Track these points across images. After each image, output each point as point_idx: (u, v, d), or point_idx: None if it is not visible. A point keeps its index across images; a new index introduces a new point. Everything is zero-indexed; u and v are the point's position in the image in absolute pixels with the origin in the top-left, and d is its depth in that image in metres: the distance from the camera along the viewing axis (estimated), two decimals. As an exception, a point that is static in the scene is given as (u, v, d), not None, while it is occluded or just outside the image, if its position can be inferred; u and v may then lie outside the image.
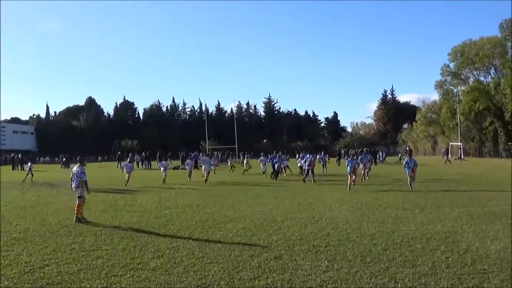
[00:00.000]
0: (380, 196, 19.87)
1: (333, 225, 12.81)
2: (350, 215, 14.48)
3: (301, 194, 21.51)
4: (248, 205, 17.48)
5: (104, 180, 33.50)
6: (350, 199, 19.06)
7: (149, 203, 18.72)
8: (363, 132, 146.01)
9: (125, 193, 22.90)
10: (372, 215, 14.50)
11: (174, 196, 21.42)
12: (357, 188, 23.57)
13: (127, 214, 15.66)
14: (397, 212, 15.01)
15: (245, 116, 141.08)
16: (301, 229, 12.24)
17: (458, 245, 10.05)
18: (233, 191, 23.84)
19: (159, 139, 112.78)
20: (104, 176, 37.93)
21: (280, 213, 15.15)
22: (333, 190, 23.38)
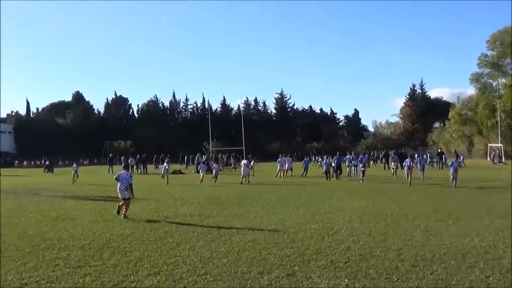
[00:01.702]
0: (407, 205, 19.82)
1: (354, 237, 12.78)
2: (373, 227, 14.46)
3: (317, 202, 21.50)
4: (257, 215, 17.49)
5: (93, 186, 33.56)
6: (373, 208, 19.01)
7: (144, 212, 18.76)
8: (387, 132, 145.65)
9: (117, 201, 22.86)
10: (399, 226, 14.46)
11: (173, 204, 21.45)
12: (380, 197, 23.49)
13: (120, 225, 15.66)
14: (427, 223, 14.95)
15: (253, 114, 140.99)
16: (317, 242, 12.22)
17: (499, 262, 9.96)
18: (240, 198, 23.81)
19: (157, 140, 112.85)
20: (94, 182, 37.96)
21: (293, 224, 15.14)
22: (353, 197, 23.39)
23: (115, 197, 24.84)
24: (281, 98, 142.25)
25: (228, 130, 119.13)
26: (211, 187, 30.62)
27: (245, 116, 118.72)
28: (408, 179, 31.58)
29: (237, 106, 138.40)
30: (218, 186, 31.66)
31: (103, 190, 29.71)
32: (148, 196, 24.89)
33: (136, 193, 20.30)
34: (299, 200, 22.53)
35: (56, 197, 25.72)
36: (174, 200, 23.32)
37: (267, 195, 25.35)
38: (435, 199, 21.79)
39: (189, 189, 29.93)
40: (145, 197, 24.51)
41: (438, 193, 24.83)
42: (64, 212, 18.92)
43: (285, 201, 22.29)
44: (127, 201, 17.67)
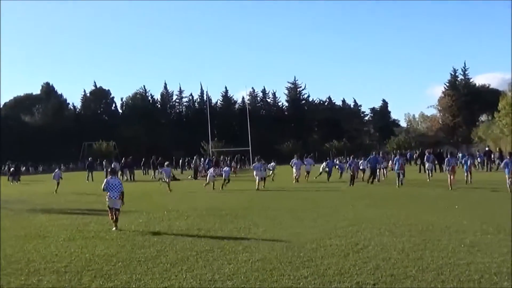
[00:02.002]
0: (448, 215, 19.81)
1: (384, 254, 12.79)
2: (406, 241, 14.44)
3: (338, 212, 21.57)
4: (267, 229, 17.51)
5: (69, 197, 33.63)
6: (406, 219, 19.02)
7: (132, 227, 18.79)
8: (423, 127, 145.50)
9: (100, 215, 22.92)
10: (438, 241, 14.44)
11: (167, 217, 21.51)
12: (415, 205, 23.50)
13: (102, 243, 15.67)
14: (473, 236, 14.95)
15: (261, 107, 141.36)
16: (340, 261, 12.24)
17: (562, 284, 9.94)
18: (246, 209, 23.87)
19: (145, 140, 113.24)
20: (70, 192, 38.02)
21: (311, 239, 15.15)
22: (382, 206, 23.42)
23: (96, 209, 25.05)
24: (294, 88, 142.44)
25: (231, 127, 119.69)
26: (212, 196, 30.68)
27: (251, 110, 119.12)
28: (449, 182, 31.82)
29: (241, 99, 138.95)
30: (220, 196, 31.69)
31: (81, 202, 29.75)
32: (137, 208, 24.89)
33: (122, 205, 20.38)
34: (316, 210, 22.56)
35: (24, 211, 25.72)
36: (167, 212, 23.32)
37: (278, 204, 25.46)
38: (482, 208, 21.80)
39: (185, 199, 30.04)
40: (132, 209, 24.40)
41: (487, 200, 24.83)
42: (34, 229, 18.94)
43: (300, 211, 22.33)
44: (118, 211, 18.51)
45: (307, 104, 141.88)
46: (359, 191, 32.17)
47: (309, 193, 31.66)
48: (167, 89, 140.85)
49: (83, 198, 32.13)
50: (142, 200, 29.32)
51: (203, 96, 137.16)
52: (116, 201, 18.55)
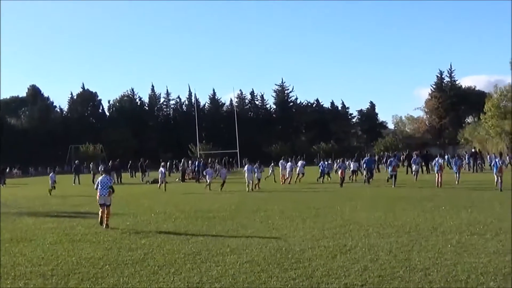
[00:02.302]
0: (435, 216, 19.87)
1: (372, 255, 12.82)
2: (394, 242, 14.49)
3: (326, 214, 21.59)
4: (256, 230, 17.53)
5: (56, 200, 33.44)
6: (393, 220, 19.07)
7: (119, 230, 18.73)
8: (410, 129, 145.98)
9: (86, 218, 22.89)
10: (425, 241, 14.49)
11: (155, 219, 21.45)
12: (402, 206, 23.57)
13: (89, 246, 15.58)
14: (460, 237, 14.99)
15: (249, 109, 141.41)
16: (328, 262, 12.24)
17: (550, 283, 9.99)
18: (235, 211, 23.83)
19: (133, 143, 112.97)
20: (56, 195, 37.84)
21: (299, 241, 15.17)
22: (370, 207, 23.46)
23: (83, 212, 25.05)
24: (282, 91, 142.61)
25: (218, 130, 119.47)
26: (200, 199, 30.65)
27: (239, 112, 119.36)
28: (439, 181, 33.36)
29: (229, 101, 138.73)
30: (208, 198, 31.70)
31: (68, 205, 29.65)
32: (124, 211, 24.84)
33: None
34: (305, 212, 22.55)
35: (10, 214, 25.56)
36: (155, 214, 23.28)
37: (267, 206, 25.43)
38: (469, 208, 21.85)
39: (173, 201, 29.93)
40: (120, 212, 24.36)
41: (473, 201, 24.89)
42: (20, 232, 18.79)
43: (289, 213, 22.29)
44: (109, 208, 19.47)
45: (295, 106, 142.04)
46: (347, 193, 32.22)
47: (298, 195, 31.73)
48: (155, 92, 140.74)
49: (69, 201, 31.98)
50: (129, 203, 29.24)
51: (191, 99, 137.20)
52: (105, 197, 19.36)
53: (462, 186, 34.33)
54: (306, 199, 28.98)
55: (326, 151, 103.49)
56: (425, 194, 29.42)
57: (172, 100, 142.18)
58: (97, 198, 19.58)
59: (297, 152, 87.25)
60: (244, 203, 27.83)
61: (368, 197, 28.85)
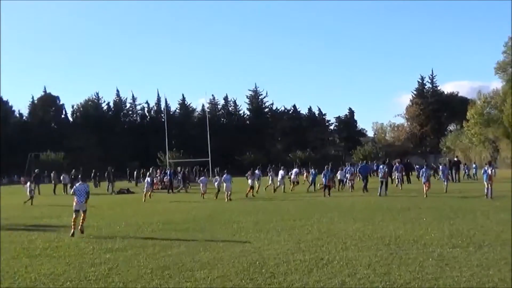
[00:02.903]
0: (416, 228, 19.97)
1: (350, 269, 12.85)
2: (373, 256, 14.53)
3: (302, 225, 21.58)
4: (228, 243, 17.50)
5: (14, 211, 33.10)
6: (373, 232, 19.15)
7: (81, 243, 18.58)
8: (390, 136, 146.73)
9: (46, 231, 22.70)
10: (406, 254, 14.56)
11: (120, 232, 21.33)
12: (382, 217, 23.67)
13: (49, 261, 15.43)
14: (441, 250, 15.08)
15: (222, 116, 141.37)
16: (304, 277, 12.26)
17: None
18: (207, 223, 23.81)
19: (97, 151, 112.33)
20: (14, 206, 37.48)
21: (273, 254, 15.17)
22: (349, 219, 23.52)
23: (43, 225, 24.90)
24: (255, 96, 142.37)
25: (189, 137, 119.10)
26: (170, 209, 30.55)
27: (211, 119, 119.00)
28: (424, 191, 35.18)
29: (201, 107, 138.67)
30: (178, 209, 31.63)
31: (26, 217, 29.25)
32: (87, 223, 24.50)
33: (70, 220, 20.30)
34: (280, 223, 22.56)
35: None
36: (120, 227, 23.20)
37: (240, 217, 25.42)
38: (452, 219, 22.00)
39: (140, 212, 29.85)
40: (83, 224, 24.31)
41: (456, 211, 25.08)
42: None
43: (263, 225, 22.29)
44: (85, 213, 21.13)
45: (270, 113, 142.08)
46: (325, 203, 32.32)
47: (273, 205, 31.77)
48: (120, 96, 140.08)
49: (28, 213, 31.67)
50: (94, 215, 28.90)
51: (159, 104, 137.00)
52: (82, 204, 21.03)
53: (444, 195, 34.72)
54: (282, 209, 28.98)
55: (302, 160, 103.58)
56: (405, 205, 29.57)
57: (139, 106, 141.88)
58: (73, 204, 20.97)
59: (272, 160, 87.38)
60: (216, 214, 27.80)
61: (347, 208, 28.89)
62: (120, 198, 43.61)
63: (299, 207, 30.30)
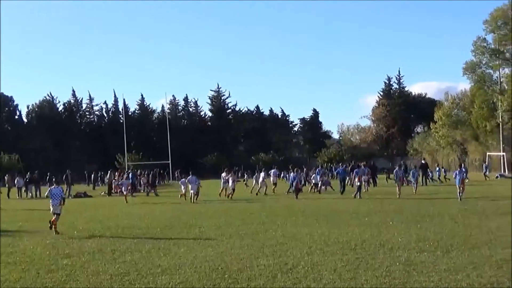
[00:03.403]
0: (382, 232, 20.09)
1: (315, 275, 12.90)
2: (339, 260, 14.58)
3: (266, 230, 21.63)
4: (189, 248, 17.45)
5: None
6: (338, 236, 19.21)
7: (38, 249, 18.45)
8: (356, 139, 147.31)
9: (1, 236, 22.51)
10: (372, 259, 14.65)
11: (77, 237, 21.18)
12: (348, 221, 23.79)
13: (4, 267, 15.29)
14: (409, 254, 15.19)
15: (182, 117, 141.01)
16: (268, 282, 12.30)
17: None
18: (166, 227, 23.71)
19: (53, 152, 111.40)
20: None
21: (236, 259, 15.18)
22: (313, 222, 23.58)
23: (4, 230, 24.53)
24: (218, 97, 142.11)
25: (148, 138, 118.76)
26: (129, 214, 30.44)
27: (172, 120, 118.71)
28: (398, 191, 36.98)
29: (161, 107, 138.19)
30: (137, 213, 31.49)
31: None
32: (44, 227, 24.44)
33: (27, 224, 20.13)
34: (243, 227, 22.56)
35: None
36: (78, 231, 22.97)
37: (202, 221, 25.40)
38: (419, 223, 22.17)
39: (98, 217, 29.64)
40: (39, 229, 24.09)
41: (423, 215, 25.27)
42: None
43: (226, 229, 22.28)
44: (58, 216, 22.96)
45: (232, 114, 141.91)
46: (289, 207, 32.39)
47: (236, 209, 31.72)
48: (76, 96, 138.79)
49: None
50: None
51: (117, 105, 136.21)
52: (57, 207, 22.86)
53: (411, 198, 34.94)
54: (245, 213, 29.00)
55: (266, 162, 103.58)
56: (371, 208, 29.74)
57: (96, 106, 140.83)
58: (50, 208, 23.04)
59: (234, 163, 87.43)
60: (177, 218, 27.74)
61: (312, 212, 28.97)
62: (77, 202, 43.31)
63: (262, 211, 30.34)
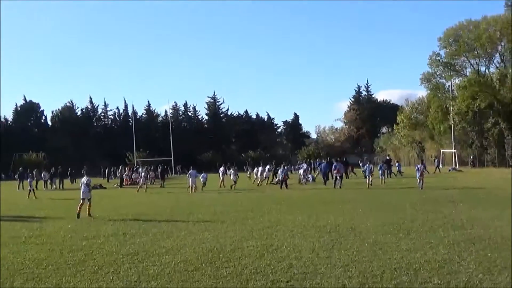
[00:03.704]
0: (353, 218, 20.11)
1: (296, 254, 12.91)
2: (316, 242, 14.60)
3: (254, 216, 21.58)
4: (189, 232, 17.42)
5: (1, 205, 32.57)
6: (316, 221, 19.21)
7: (61, 232, 18.36)
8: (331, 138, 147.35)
9: (30, 221, 22.39)
10: (345, 240, 14.67)
11: (94, 223, 21.11)
12: (324, 209, 23.80)
13: (33, 248, 15.25)
14: (375, 236, 15.23)
15: (183, 120, 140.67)
16: (256, 261, 12.29)
17: (456, 277, 10.20)
18: (169, 214, 23.66)
19: (73, 150, 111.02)
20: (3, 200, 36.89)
21: (229, 241, 15.16)
22: (295, 210, 23.53)
23: (26, 216, 24.59)
24: (213, 103, 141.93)
25: (154, 139, 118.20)
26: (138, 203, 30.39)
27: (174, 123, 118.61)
28: (368, 183, 38.47)
29: (164, 112, 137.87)
30: (145, 202, 31.41)
31: (12, 209, 28.73)
32: (65, 215, 24.42)
33: (50, 211, 20.03)
34: (235, 214, 22.52)
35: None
36: (94, 218, 22.89)
37: (200, 209, 25.32)
38: (384, 211, 22.21)
39: (111, 206, 29.55)
40: (60, 216, 24.11)
41: (387, 203, 25.36)
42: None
43: (220, 216, 22.24)
44: (90, 201, 23.73)
45: (225, 117, 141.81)
46: (274, 197, 32.35)
47: (229, 198, 31.70)
48: (93, 103, 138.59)
49: (13, 206, 31.23)
50: (71, 207, 28.61)
51: (127, 110, 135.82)
52: (86, 193, 23.71)
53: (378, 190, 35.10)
54: (236, 202, 28.94)
55: (254, 159, 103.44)
56: (344, 198, 29.78)
57: (110, 111, 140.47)
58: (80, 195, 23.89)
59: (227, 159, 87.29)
60: (179, 206, 27.69)
61: (293, 201, 28.96)
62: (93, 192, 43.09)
63: (251, 200, 30.31)
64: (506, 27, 72.93)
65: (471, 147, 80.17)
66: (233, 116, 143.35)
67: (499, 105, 73.48)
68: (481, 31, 75.00)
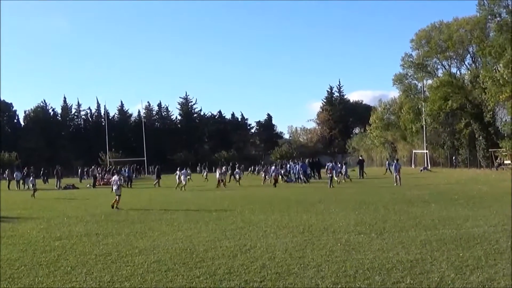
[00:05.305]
0: (326, 218, 20.13)
1: (269, 254, 12.89)
2: (289, 242, 14.61)
3: (227, 216, 21.56)
4: (162, 232, 17.35)
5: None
6: (289, 221, 19.23)
7: (34, 232, 18.23)
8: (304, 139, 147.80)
9: (3, 221, 22.17)
10: (318, 240, 14.68)
11: (67, 223, 20.93)
12: (297, 209, 23.83)
13: (5, 248, 15.08)
14: (348, 236, 15.26)
15: (156, 120, 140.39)
16: (229, 261, 12.25)
17: (428, 277, 10.23)
18: (142, 215, 23.53)
19: (46, 150, 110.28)
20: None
21: (203, 241, 15.12)
22: (268, 210, 23.56)
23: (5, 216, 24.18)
24: (186, 103, 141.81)
25: (127, 139, 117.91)
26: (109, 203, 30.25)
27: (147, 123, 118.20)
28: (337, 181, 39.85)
29: (137, 112, 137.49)
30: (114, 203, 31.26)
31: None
32: (37, 215, 24.20)
33: (23, 211, 19.83)
34: (208, 214, 22.45)
35: None
36: (67, 218, 22.63)
37: (173, 209, 25.23)
38: (356, 211, 22.25)
39: (84, 206, 29.36)
40: (33, 216, 23.88)
41: (360, 203, 25.42)
42: None
43: (193, 216, 22.18)
44: (119, 197, 26.85)
45: (198, 117, 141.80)
46: (247, 197, 32.39)
47: (201, 199, 31.67)
48: (66, 103, 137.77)
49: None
50: (43, 208, 28.47)
51: (99, 110, 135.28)
52: (117, 190, 27.08)
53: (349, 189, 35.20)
54: (209, 203, 28.88)
55: (227, 159, 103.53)
56: (317, 198, 29.83)
57: (82, 111, 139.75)
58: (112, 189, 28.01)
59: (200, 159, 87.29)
60: (151, 206, 27.59)
61: (266, 201, 28.95)
62: (66, 192, 42.83)
63: (224, 200, 30.29)
64: (477, 28, 73.43)
65: (443, 147, 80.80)
66: (206, 116, 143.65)
67: (470, 106, 73.85)
68: (452, 32, 75.50)
